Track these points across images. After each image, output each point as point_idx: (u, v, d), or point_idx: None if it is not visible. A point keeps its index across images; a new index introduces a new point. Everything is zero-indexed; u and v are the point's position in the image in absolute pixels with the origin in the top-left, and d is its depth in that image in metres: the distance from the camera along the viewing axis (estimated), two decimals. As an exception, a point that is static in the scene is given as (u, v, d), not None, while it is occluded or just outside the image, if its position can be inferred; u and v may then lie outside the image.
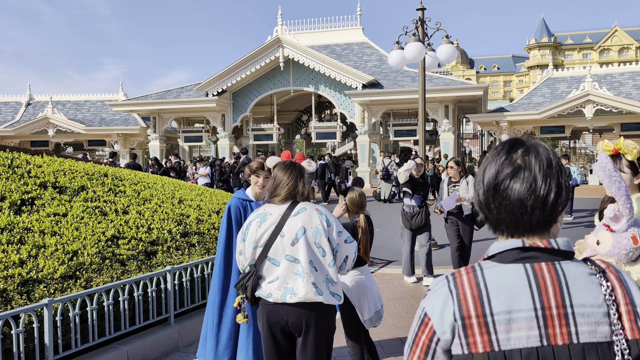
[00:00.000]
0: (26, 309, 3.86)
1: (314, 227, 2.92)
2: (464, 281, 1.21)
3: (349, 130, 30.32)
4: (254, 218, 3.00)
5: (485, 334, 1.15)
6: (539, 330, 1.14)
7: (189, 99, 25.88)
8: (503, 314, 1.15)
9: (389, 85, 23.98)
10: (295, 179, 3.04)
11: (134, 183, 7.16)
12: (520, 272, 1.19)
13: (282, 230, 2.91)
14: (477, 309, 1.16)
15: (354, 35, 28.57)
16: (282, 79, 25.99)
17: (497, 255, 1.24)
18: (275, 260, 2.93)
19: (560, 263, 1.21)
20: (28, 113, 31.02)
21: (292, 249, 2.89)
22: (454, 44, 11.23)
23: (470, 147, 42.88)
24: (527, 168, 1.22)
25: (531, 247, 1.21)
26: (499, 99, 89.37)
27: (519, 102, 25.79)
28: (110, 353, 4.54)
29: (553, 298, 1.16)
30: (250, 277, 2.95)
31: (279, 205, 2.99)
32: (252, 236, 2.94)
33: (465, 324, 1.17)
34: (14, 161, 6.26)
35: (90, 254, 4.93)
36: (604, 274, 1.21)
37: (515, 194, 1.21)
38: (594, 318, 1.15)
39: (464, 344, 1.17)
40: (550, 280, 1.17)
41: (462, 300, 1.18)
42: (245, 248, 2.99)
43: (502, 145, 1.30)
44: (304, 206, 2.99)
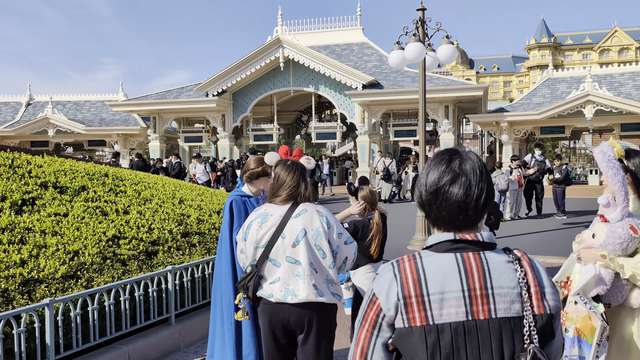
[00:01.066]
0: (27, 309, 3.86)
1: (315, 229, 2.92)
2: (406, 267, 1.44)
3: (349, 130, 30.32)
4: (254, 218, 2.99)
5: (422, 310, 1.39)
6: (465, 307, 1.39)
7: (189, 99, 25.88)
8: (437, 294, 1.40)
9: (389, 86, 23.99)
10: (297, 180, 3.03)
11: (135, 183, 7.17)
12: (452, 260, 1.43)
13: (283, 232, 2.92)
14: (416, 290, 1.40)
15: (354, 35, 28.58)
16: (282, 79, 26.00)
17: (433, 246, 1.48)
18: (276, 262, 2.94)
19: (484, 253, 1.45)
20: (28, 113, 31.02)
21: (293, 251, 2.90)
22: (454, 44, 11.22)
23: (470, 148, 42.88)
24: (464, 175, 1.47)
25: (461, 240, 1.46)
26: (499, 99, 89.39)
27: (519, 103, 25.79)
28: (111, 353, 4.55)
29: (477, 281, 1.40)
30: (252, 277, 2.96)
31: (280, 206, 2.99)
32: (253, 236, 2.95)
33: (406, 302, 1.40)
34: (15, 161, 6.26)
35: (91, 253, 4.93)
36: (519, 261, 1.45)
37: (454, 197, 1.45)
38: (509, 297, 1.40)
39: (405, 319, 1.40)
40: (475, 267, 1.42)
41: (404, 283, 1.42)
42: (246, 247, 2.99)
43: (442, 155, 1.54)
44: (304, 207, 2.98)
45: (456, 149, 1.54)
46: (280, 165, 3.09)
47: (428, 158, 17.31)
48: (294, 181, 3.01)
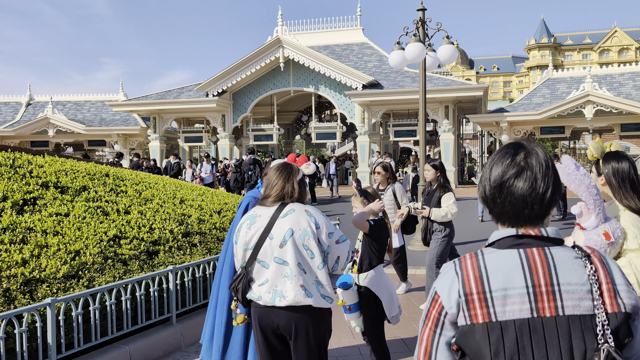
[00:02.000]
0: (29, 309, 3.87)
1: (302, 229, 2.87)
2: (467, 264, 1.43)
3: (349, 130, 30.35)
4: (244, 220, 2.99)
5: (485, 307, 1.37)
6: (530, 304, 1.36)
7: (189, 99, 25.90)
8: (500, 291, 1.37)
9: (389, 86, 24.00)
10: (283, 180, 2.99)
11: (136, 183, 7.18)
12: (515, 256, 1.41)
13: (271, 232, 2.89)
14: (477, 286, 1.39)
15: (354, 35, 28.59)
16: (282, 79, 26.01)
17: (495, 243, 1.46)
18: (265, 263, 2.91)
19: (549, 248, 1.42)
20: (28, 113, 31.03)
21: (281, 251, 2.86)
22: (454, 44, 11.22)
23: (470, 148, 42.89)
24: (529, 169, 1.44)
25: (524, 235, 1.43)
26: (498, 99, 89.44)
27: (519, 103, 25.80)
28: (112, 352, 4.56)
29: (543, 277, 1.37)
30: (241, 279, 2.94)
31: (268, 207, 2.97)
32: (243, 238, 2.94)
33: (467, 300, 1.39)
34: (16, 161, 6.27)
35: (92, 253, 4.94)
36: (589, 258, 1.42)
37: (519, 191, 1.43)
38: (577, 294, 1.36)
39: (467, 316, 1.39)
40: (540, 263, 1.39)
41: (465, 280, 1.41)
42: (237, 250, 2.99)
43: (507, 149, 1.51)
44: (292, 208, 2.95)
45: (521, 143, 1.51)
46: (272, 168, 3.09)
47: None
48: (282, 182, 2.99)
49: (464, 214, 15.65)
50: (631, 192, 2.69)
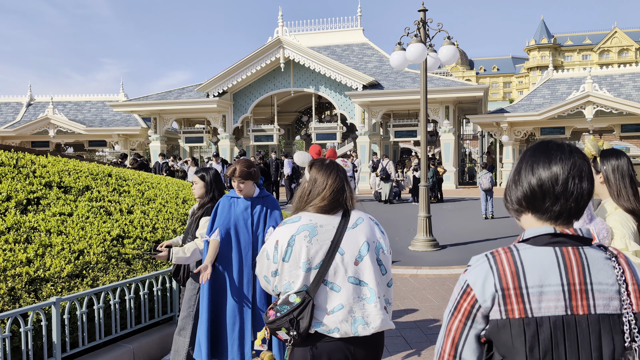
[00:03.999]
0: (34, 307, 3.89)
1: (376, 241, 2.46)
2: (502, 259, 1.44)
3: (349, 131, 30.38)
4: (297, 231, 2.37)
5: (521, 302, 1.39)
6: (564, 302, 1.39)
7: (190, 100, 25.94)
8: (536, 287, 1.40)
9: (389, 86, 24.04)
10: (341, 182, 2.51)
11: (138, 183, 7.20)
12: (551, 253, 1.43)
13: (341, 247, 2.38)
14: (514, 282, 1.40)
15: (354, 36, 28.63)
16: (282, 80, 26.05)
17: (531, 239, 1.48)
18: (335, 285, 2.36)
19: (583, 248, 1.45)
20: (29, 113, 31.06)
21: (356, 269, 2.38)
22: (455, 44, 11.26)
23: (470, 148, 42.91)
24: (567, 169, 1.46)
25: (561, 234, 1.46)
26: (498, 100, 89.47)
27: (519, 103, 25.84)
28: (116, 351, 4.57)
29: (577, 276, 1.41)
30: (304, 308, 2.32)
31: (329, 216, 2.44)
32: (302, 255, 2.34)
33: (504, 294, 1.40)
34: (19, 161, 6.29)
35: (96, 253, 4.96)
36: (617, 259, 1.45)
37: (556, 191, 1.45)
38: (608, 294, 1.40)
39: (503, 310, 1.41)
40: (575, 262, 1.42)
41: (502, 275, 1.42)
42: (286, 270, 2.38)
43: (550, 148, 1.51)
44: (359, 216, 2.50)
45: (558, 142, 1.53)
46: (317, 167, 2.55)
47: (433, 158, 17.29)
48: (339, 184, 2.49)
49: (465, 213, 15.68)
50: (629, 189, 2.65)
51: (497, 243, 10.68)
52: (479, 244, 10.63)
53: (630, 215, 2.59)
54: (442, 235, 11.29)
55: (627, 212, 2.60)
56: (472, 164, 38.02)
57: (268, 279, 2.45)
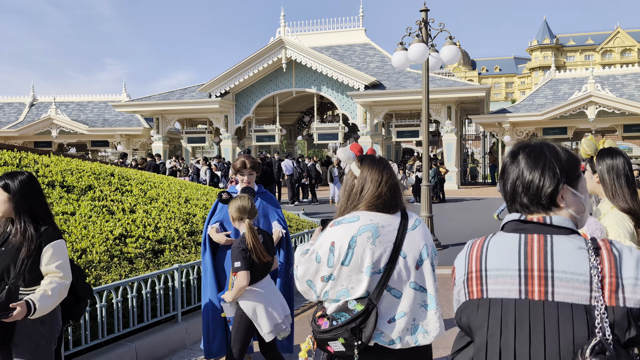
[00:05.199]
0: (37, 306, 3.90)
1: (432, 245, 2.32)
2: (476, 244, 1.58)
3: (351, 131, 30.38)
4: (359, 232, 2.17)
5: (479, 284, 1.50)
6: (519, 286, 1.44)
7: (192, 100, 25.97)
8: (494, 270, 1.49)
9: (392, 87, 24.04)
10: (395, 178, 2.32)
11: (141, 182, 7.22)
12: (515, 239, 1.50)
13: (403, 249, 2.21)
14: (477, 265, 1.53)
15: (356, 36, 28.64)
16: (284, 80, 26.07)
17: (505, 226, 1.58)
18: (397, 291, 2.19)
19: (551, 236, 1.48)
20: (31, 114, 31.13)
21: (418, 274, 2.22)
22: (457, 45, 11.26)
23: (472, 149, 42.88)
24: (517, 163, 1.57)
25: (527, 221, 1.53)
26: (501, 100, 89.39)
27: (521, 104, 25.82)
28: (119, 350, 4.59)
29: (537, 262, 1.44)
30: (368, 316, 2.11)
31: (389, 216, 2.24)
32: (367, 258, 2.14)
33: (468, 277, 1.54)
34: (22, 160, 6.32)
35: (98, 252, 4.98)
36: (597, 250, 1.43)
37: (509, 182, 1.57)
38: (572, 283, 1.40)
39: (467, 292, 1.54)
40: (537, 248, 1.46)
41: (470, 259, 1.56)
42: (344, 274, 2.16)
43: (512, 149, 1.65)
44: (416, 217, 2.34)
45: (528, 143, 1.63)
46: (369, 161, 2.33)
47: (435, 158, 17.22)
48: (394, 180, 2.30)
49: (467, 213, 15.68)
50: (625, 189, 2.59)
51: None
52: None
53: (627, 215, 2.54)
54: (444, 235, 11.29)
55: (623, 212, 2.55)
56: (474, 164, 38.00)
57: (313, 284, 2.22)
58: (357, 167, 2.32)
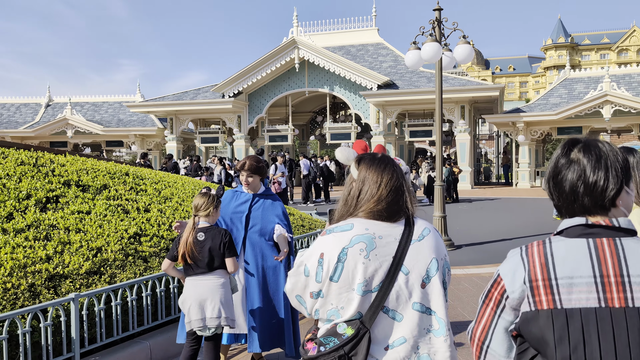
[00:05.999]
0: (54, 303, 3.96)
1: (444, 259, 1.98)
2: (534, 251, 1.46)
3: (363, 131, 30.35)
4: (350, 243, 1.85)
5: (550, 294, 1.40)
6: (597, 294, 1.37)
7: (206, 101, 26.11)
8: (566, 278, 1.40)
9: (405, 86, 23.98)
10: (399, 180, 1.99)
11: (155, 182, 7.28)
12: (583, 245, 1.43)
13: (405, 264, 1.89)
14: (543, 274, 1.42)
15: (369, 36, 28.62)
16: (297, 80, 26.11)
17: (564, 231, 1.48)
18: (396, 313, 1.88)
19: (620, 239, 1.43)
20: (47, 114, 31.49)
21: (423, 293, 1.90)
22: (470, 44, 11.21)
23: (486, 149, 42.64)
24: (577, 162, 1.49)
25: (594, 225, 1.45)
26: (515, 99, 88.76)
27: (536, 103, 25.63)
28: (133, 347, 4.63)
29: (612, 268, 1.38)
30: (358, 342, 1.83)
31: (389, 224, 1.93)
32: (358, 274, 1.84)
33: (532, 286, 1.42)
34: (39, 160, 6.39)
35: (113, 250, 5.03)
36: None
37: (569, 183, 1.48)
38: None
39: (532, 302, 1.42)
40: (610, 253, 1.40)
41: (531, 267, 1.44)
42: (333, 291, 1.87)
43: (563, 144, 1.58)
44: (424, 225, 2.00)
45: (578, 139, 1.56)
46: (368, 161, 2.03)
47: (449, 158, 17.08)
48: (396, 182, 1.97)
49: (481, 214, 15.59)
50: None
51: (513, 243, 10.61)
52: (495, 244, 10.57)
53: None
54: (457, 236, 11.25)
55: None
56: (487, 164, 37.78)
57: (303, 301, 1.95)
58: (355, 168, 2.04)
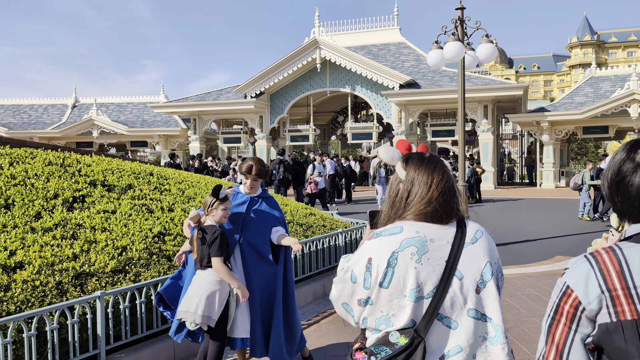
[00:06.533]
0: (80, 301, 4.04)
1: (497, 263, 1.89)
2: (604, 259, 1.37)
3: (385, 130, 30.28)
4: (400, 247, 1.76)
5: (632, 303, 1.32)
6: None
7: (228, 101, 26.31)
8: None
9: (427, 85, 23.85)
10: (450, 180, 1.91)
11: (179, 182, 7.36)
12: None
13: (458, 269, 1.80)
14: (621, 282, 1.33)
15: (391, 35, 28.53)
16: (318, 80, 26.15)
17: (633, 237, 1.40)
18: (451, 320, 1.78)
19: None
20: (74, 115, 32.07)
21: (477, 299, 1.80)
22: (493, 42, 11.11)
23: (509, 148, 42.16)
24: None
25: None
26: (539, 99, 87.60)
27: (560, 102, 25.26)
28: (158, 345, 4.69)
29: None
30: (413, 351, 1.73)
31: (440, 226, 1.84)
32: (410, 279, 1.74)
33: (612, 295, 1.33)
34: (66, 160, 6.52)
35: (138, 249, 5.10)
36: None
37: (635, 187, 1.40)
38: None
39: (612, 312, 1.33)
40: None
41: (606, 275, 1.35)
42: (383, 298, 1.76)
43: (624, 145, 1.47)
44: (477, 228, 1.91)
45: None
46: (416, 160, 1.94)
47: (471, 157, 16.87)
48: (447, 182, 1.89)
49: (504, 214, 15.42)
50: None
51: (538, 244, 10.48)
52: (519, 245, 10.46)
53: None
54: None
55: None
56: (511, 164, 37.36)
57: (350, 309, 1.85)
58: (402, 168, 1.94)
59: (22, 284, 4.02)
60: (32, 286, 4.05)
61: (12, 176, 5.69)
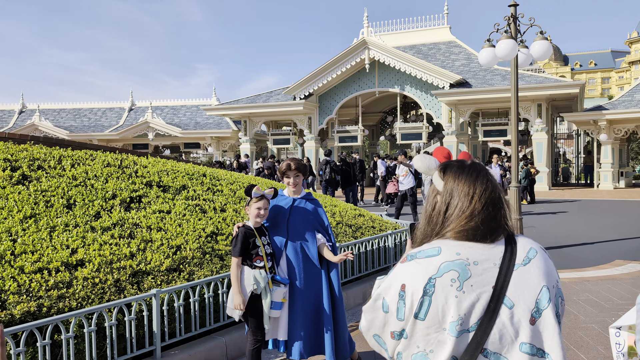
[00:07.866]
0: (137, 298, 4.17)
1: (556, 286, 1.60)
2: None
3: (435, 130, 29.85)
4: (438, 272, 1.51)
5: None
6: None
7: (277, 103, 26.59)
8: None
9: (478, 85, 23.39)
10: (495, 191, 1.64)
11: (230, 183, 7.50)
12: None
13: (507, 296, 1.52)
14: None
15: (440, 34, 28.15)
16: (367, 80, 26.08)
17: None
18: (500, 356, 1.51)
19: None
20: (130, 118, 33.19)
21: (532, 331, 1.51)
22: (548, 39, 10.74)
23: (564, 148, 40.81)
24: None
25: None
26: (596, 97, 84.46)
27: (620, 100, 24.27)
28: (210, 343, 4.80)
29: None
30: None
31: (485, 245, 1.57)
32: (450, 310, 1.49)
33: None
34: (123, 162, 6.76)
35: (192, 248, 5.23)
36: None
37: None
38: None
39: None
40: None
41: None
42: (420, 331, 1.53)
43: None
44: (531, 245, 1.65)
45: None
46: (456, 170, 1.69)
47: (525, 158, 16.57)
48: (492, 193, 1.63)
49: (558, 216, 14.95)
50: None
51: (595, 248, 10.11)
52: (575, 248, 10.12)
53: None
54: (533, 238, 10.83)
55: None
56: (566, 164, 36.16)
57: (382, 342, 1.63)
58: (439, 178, 1.70)
59: (83, 281, 4.19)
60: (92, 283, 4.22)
61: (73, 177, 5.94)
